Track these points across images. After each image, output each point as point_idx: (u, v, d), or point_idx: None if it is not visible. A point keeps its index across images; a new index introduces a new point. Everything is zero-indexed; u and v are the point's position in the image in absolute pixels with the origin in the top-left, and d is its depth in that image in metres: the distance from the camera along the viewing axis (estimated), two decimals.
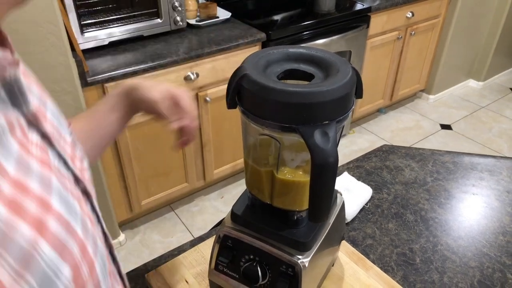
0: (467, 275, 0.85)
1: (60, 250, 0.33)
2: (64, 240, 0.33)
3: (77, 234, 0.35)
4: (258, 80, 0.52)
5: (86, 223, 0.38)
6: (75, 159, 0.44)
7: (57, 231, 0.33)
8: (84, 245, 0.36)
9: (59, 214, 0.34)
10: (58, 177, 0.37)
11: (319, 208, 0.55)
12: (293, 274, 0.64)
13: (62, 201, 0.35)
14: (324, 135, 0.50)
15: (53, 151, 0.39)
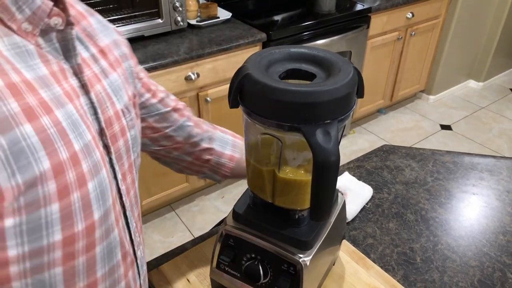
0: (467, 274, 0.85)
1: (44, 141, 0.37)
2: (52, 138, 0.38)
3: (71, 144, 0.40)
4: (260, 79, 0.52)
5: (91, 150, 0.42)
6: (113, 122, 0.49)
7: (45, 126, 0.37)
8: (77, 156, 0.40)
9: (56, 119, 0.39)
10: (77, 108, 0.42)
11: (320, 207, 0.56)
12: (294, 273, 0.64)
13: (67, 117, 0.40)
14: (326, 134, 0.50)
15: (86, 99, 0.45)
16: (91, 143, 0.43)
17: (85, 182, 0.41)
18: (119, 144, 0.51)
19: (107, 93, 0.50)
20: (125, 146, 0.52)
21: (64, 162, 0.39)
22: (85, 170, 0.41)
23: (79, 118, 0.42)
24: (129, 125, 0.53)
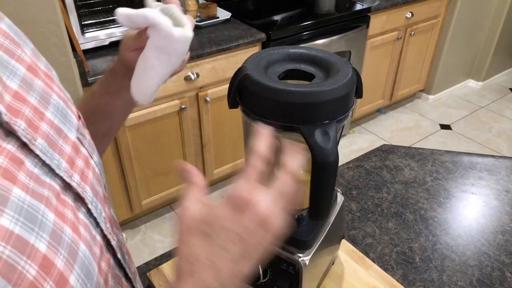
0: (466, 273, 0.85)
1: (6, 273, 0.29)
2: (12, 261, 0.30)
3: (37, 250, 0.32)
4: (259, 80, 0.53)
5: (61, 233, 0.35)
6: (75, 160, 0.42)
7: (1, 252, 0.29)
8: (48, 260, 0.33)
9: (7, 232, 0.30)
10: (27, 187, 0.34)
11: (319, 207, 0.56)
12: (294, 272, 0.64)
13: (21, 214, 0.32)
14: (324, 135, 0.50)
15: (35, 159, 0.36)
16: (57, 225, 0.35)
17: (66, 280, 0.33)
18: (90, 179, 0.43)
19: (56, 127, 0.41)
20: (95, 176, 0.45)
21: (37, 281, 0.31)
22: (61, 268, 0.33)
23: (33, 201, 0.33)
24: (89, 151, 0.46)
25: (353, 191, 1.07)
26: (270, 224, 0.37)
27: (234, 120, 2.13)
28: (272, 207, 0.37)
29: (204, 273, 0.36)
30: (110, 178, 1.89)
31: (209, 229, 0.36)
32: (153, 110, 1.83)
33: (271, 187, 0.39)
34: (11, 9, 1.27)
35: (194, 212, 0.38)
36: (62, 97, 0.45)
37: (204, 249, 0.36)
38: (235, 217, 0.36)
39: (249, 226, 0.36)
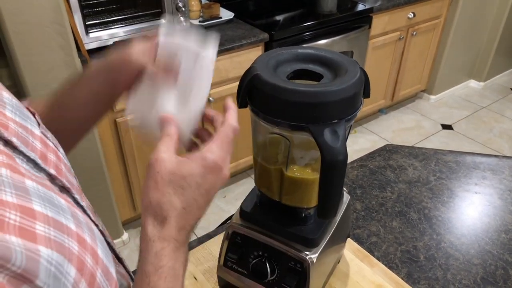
0: (470, 272, 0.86)
1: (60, 250, 0.32)
2: (60, 240, 0.33)
3: (70, 229, 0.35)
4: (269, 80, 0.53)
5: (77, 215, 0.38)
6: (47, 154, 0.43)
7: (47, 235, 0.32)
8: (81, 237, 0.36)
9: (45, 216, 0.33)
10: (33, 178, 0.36)
11: (328, 205, 0.57)
12: (301, 270, 0.65)
13: (45, 201, 0.35)
14: (333, 134, 0.51)
15: (19, 155, 0.38)
16: (70, 207, 0.38)
17: (97, 254, 0.38)
18: (64, 172, 0.45)
19: (21, 125, 0.41)
20: (66, 168, 0.46)
21: (80, 255, 0.35)
22: (91, 243, 0.37)
23: (44, 189, 0.36)
24: (55, 144, 0.47)
25: (357, 190, 1.08)
26: (227, 180, 0.47)
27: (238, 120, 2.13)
28: (229, 168, 0.47)
29: (180, 218, 0.43)
30: (113, 177, 1.90)
31: (184, 182, 0.43)
32: None
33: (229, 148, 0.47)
34: (16, 9, 1.28)
35: (167, 164, 0.43)
36: (10, 94, 0.45)
37: (179, 199, 0.43)
38: (205, 175, 0.44)
39: (214, 183, 0.45)
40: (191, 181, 0.43)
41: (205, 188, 0.44)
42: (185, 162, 0.43)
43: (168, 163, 0.43)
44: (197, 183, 0.43)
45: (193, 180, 0.43)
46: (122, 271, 0.50)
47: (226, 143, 0.46)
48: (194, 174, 0.43)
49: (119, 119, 1.76)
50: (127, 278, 0.51)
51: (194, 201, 0.44)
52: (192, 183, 0.43)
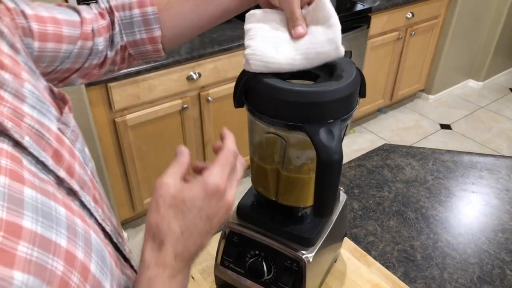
0: (467, 271, 0.86)
1: (39, 273, 0.30)
2: (42, 261, 0.31)
3: (60, 246, 0.33)
4: (265, 79, 0.54)
5: (74, 225, 0.37)
6: (62, 152, 0.41)
7: (29, 257, 0.30)
8: (71, 254, 0.34)
9: (32, 233, 0.31)
10: (35, 185, 0.35)
11: (324, 204, 0.57)
12: (297, 269, 0.65)
13: (39, 214, 0.33)
14: (329, 133, 0.51)
15: (28, 157, 0.36)
16: (69, 217, 0.36)
17: (88, 269, 0.35)
18: (77, 171, 0.43)
19: (38, 121, 0.40)
20: (80, 166, 0.44)
21: (65, 275, 0.33)
22: (82, 259, 0.35)
23: (44, 198, 0.34)
24: (72, 141, 0.45)
25: (355, 189, 1.08)
26: (231, 209, 0.46)
27: (235, 119, 2.14)
28: (234, 195, 0.46)
29: (178, 243, 0.42)
30: (112, 177, 1.90)
31: (184, 206, 0.42)
32: (155, 110, 1.84)
33: (232, 175, 0.46)
34: None
35: (170, 188, 0.43)
36: (34, 84, 0.43)
37: (178, 223, 0.42)
38: (207, 200, 0.43)
39: (216, 208, 0.44)
40: (191, 205, 0.42)
41: (206, 213, 0.43)
42: (187, 186, 0.43)
43: (171, 187, 0.43)
44: (198, 207, 0.43)
45: (194, 204, 0.42)
46: (128, 272, 0.49)
47: (227, 166, 0.45)
48: (195, 198, 0.42)
49: (118, 119, 1.76)
50: (134, 278, 0.50)
51: (194, 226, 0.43)
52: (192, 207, 0.42)
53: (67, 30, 0.56)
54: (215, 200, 0.43)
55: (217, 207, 0.44)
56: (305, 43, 0.53)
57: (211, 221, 0.44)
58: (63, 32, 0.56)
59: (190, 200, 0.42)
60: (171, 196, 0.42)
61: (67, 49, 0.57)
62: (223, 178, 0.44)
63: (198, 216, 0.43)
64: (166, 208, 0.42)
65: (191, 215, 0.42)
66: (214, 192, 0.43)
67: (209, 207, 0.43)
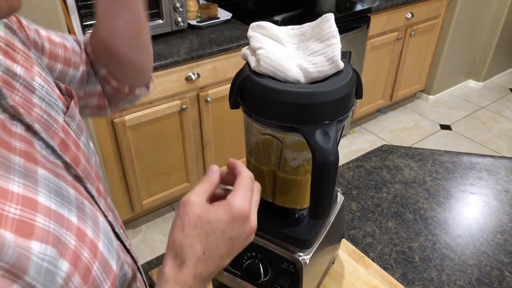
0: (465, 272, 0.86)
1: (55, 244, 0.33)
2: (58, 234, 0.34)
3: (71, 222, 0.36)
4: (260, 81, 0.53)
5: (83, 206, 0.39)
6: (68, 142, 0.44)
7: (47, 228, 0.33)
8: (82, 231, 0.36)
9: (47, 209, 0.34)
10: (46, 166, 0.37)
11: (320, 206, 0.57)
12: (294, 271, 0.65)
13: (51, 192, 0.35)
14: (325, 135, 0.51)
15: (39, 141, 0.39)
16: (78, 198, 0.39)
17: (96, 247, 0.38)
18: (82, 162, 0.45)
19: (45, 111, 0.42)
20: (84, 158, 0.47)
21: (76, 249, 0.35)
22: (91, 237, 0.38)
23: (55, 179, 0.37)
24: (77, 133, 0.48)
25: (353, 191, 1.08)
26: (253, 233, 0.47)
27: (234, 120, 2.14)
28: (256, 219, 0.47)
29: (198, 263, 0.43)
30: (111, 178, 1.90)
31: (208, 227, 0.43)
32: (154, 110, 1.83)
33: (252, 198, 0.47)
34: None
35: (196, 207, 0.44)
36: (44, 78, 0.46)
37: (201, 244, 0.43)
38: (231, 223, 0.44)
39: (240, 232, 0.45)
40: (216, 227, 0.43)
41: (230, 235, 0.44)
42: (213, 208, 0.44)
43: (198, 207, 0.44)
44: (222, 229, 0.43)
45: (218, 226, 0.43)
46: (129, 260, 0.50)
47: (248, 191, 0.46)
48: (220, 220, 0.43)
49: (116, 119, 1.76)
50: (134, 268, 0.51)
51: (216, 248, 0.44)
52: (216, 229, 0.43)
53: (73, 57, 0.60)
54: (239, 223, 0.44)
55: (240, 230, 0.45)
56: (307, 63, 0.55)
57: (233, 243, 0.45)
58: (70, 58, 0.60)
59: (215, 221, 0.43)
60: (197, 215, 0.43)
61: (72, 74, 0.60)
62: (247, 201, 0.45)
63: (221, 238, 0.44)
64: (191, 228, 0.43)
65: (214, 237, 0.43)
66: (239, 215, 0.44)
67: (232, 230, 0.44)
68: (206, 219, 0.43)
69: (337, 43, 0.55)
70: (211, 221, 0.43)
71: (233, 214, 0.44)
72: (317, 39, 0.57)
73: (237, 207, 0.44)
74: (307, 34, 0.59)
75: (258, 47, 0.55)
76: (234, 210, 0.44)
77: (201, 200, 0.44)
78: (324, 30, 0.56)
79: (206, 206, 0.44)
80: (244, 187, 0.46)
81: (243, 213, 0.44)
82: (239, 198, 0.45)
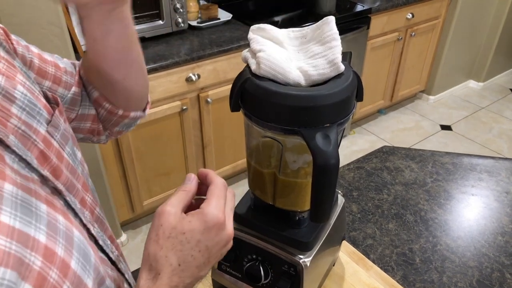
0: (466, 274, 0.86)
1: (16, 267, 0.31)
2: (20, 255, 0.32)
3: (38, 241, 0.34)
4: (261, 83, 0.53)
5: (55, 222, 0.37)
6: (48, 154, 0.42)
7: (7, 249, 0.31)
8: (50, 250, 0.34)
9: (10, 228, 0.32)
10: (16, 182, 0.35)
11: (320, 209, 0.57)
12: (295, 274, 0.65)
13: (17, 209, 0.34)
14: (325, 138, 0.51)
15: (11, 154, 0.37)
16: (50, 214, 0.37)
17: (68, 266, 0.36)
18: (64, 173, 0.43)
19: (25, 122, 0.41)
20: (69, 169, 0.45)
21: (42, 270, 0.33)
22: (62, 255, 0.35)
23: (25, 194, 0.35)
24: (61, 143, 0.45)
25: (353, 192, 1.08)
26: (230, 240, 0.46)
27: (235, 121, 2.14)
28: (232, 226, 0.46)
29: (173, 275, 0.42)
30: (111, 179, 1.90)
31: (183, 238, 0.43)
32: (154, 111, 1.83)
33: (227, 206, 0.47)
34: (12, 10, 1.28)
35: (171, 217, 0.43)
36: (28, 87, 0.44)
37: (176, 255, 0.43)
38: (206, 232, 0.43)
39: (216, 240, 0.44)
40: (191, 237, 0.43)
41: (206, 245, 0.44)
42: (187, 218, 0.43)
43: (172, 217, 0.43)
44: (197, 239, 0.43)
45: (193, 236, 0.43)
46: (113, 274, 0.49)
47: (222, 198, 0.46)
48: (194, 230, 0.43)
49: None
50: (120, 281, 0.50)
51: (192, 259, 0.43)
52: (191, 239, 0.43)
53: (65, 77, 0.58)
54: (215, 231, 0.44)
55: (216, 239, 0.44)
56: (307, 66, 0.55)
57: (210, 253, 0.44)
58: (62, 77, 0.57)
59: (189, 231, 0.43)
60: (171, 226, 0.43)
61: (62, 93, 0.57)
62: (221, 209, 0.45)
63: (197, 248, 0.43)
64: (165, 239, 0.42)
65: (189, 247, 0.43)
66: (214, 223, 0.44)
67: (208, 239, 0.43)
68: (181, 230, 0.43)
69: (338, 45, 0.55)
70: (186, 231, 0.43)
71: (207, 223, 0.43)
72: (317, 42, 0.57)
73: (211, 215, 0.44)
74: (307, 37, 0.59)
75: (259, 49, 0.55)
76: (208, 218, 0.43)
77: (176, 210, 0.44)
78: (325, 32, 0.56)
79: (181, 216, 0.44)
80: (218, 195, 0.46)
81: (217, 221, 0.44)
82: (213, 206, 0.44)
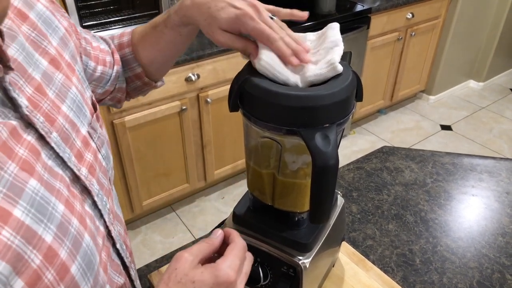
0: (466, 275, 0.85)
1: (13, 261, 0.31)
2: (21, 250, 0.32)
3: (43, 240, 0.34)
4: (260, 83, 0.53)
5: (68, 225, 0.37)
6: (84, 153, 0.44)
7: (10, 242, 0.31)
8: (53, 251, 0.35)
9: (19, 222, 0.33)
10: (42, 178, 0.36)
11: (320, 210, 0.56)
12: (294, 275, 0.64)
13: (33, 206, 0.34)
14: (325, 138, 0.51)
15: (49, 151, 0.39)
16: (66, 216, 0.37)
17: (67, 270, 0.36)
18: (97, 173, 0.46)
19: (71, 121, 0.44)
20: (101, 170, 0.48)
21: (39, 269, 0.33)
22: (64, 259, 0.36)
23: (46, 192, 0.36)
24: (98, 145, 0.49)
25: (353, 193, 1.08)
26: None
27: (234, 121, 2.13)
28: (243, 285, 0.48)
29: None
30: None
31: (191, 286, 0.44)
32: (153, 111, 1.83)
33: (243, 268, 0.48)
34: None
35: (186, 264, 0.45)
36: (80, 89, 0.48)
37: None
38: (214, 286, 0.44)
39: None
40: (199, 287, 0.44)
41: None
42: (201, 268, 0.45)
43: (188, 265, 0.44)
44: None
45: (201, 287, 0.44)
46: (121, 281, 0.49)
47: (238, 259, 0.47)
48: (204, 281, 0.44)
49: (116, 120, 1.75)
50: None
51: None
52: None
53: (108, 58, 0.66)
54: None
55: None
56: (305, 66, 0.55)
57: None
58: (106, 59, 0.66)
59: (199, 282, 0.44)
60: (183, 272, 0.44)
61: (107, 72, 0.66)
62: (235, 269, 0.45)
63: None
64: (175, 283, 0.43)
65: None
66: (224, 280, 0.44)
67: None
68: (192, 278, 0.44)
69: (340, 49, 0.55)
70: (196, 280, 0.44)
71: (218, 278, 0.44)
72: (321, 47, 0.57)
73: (223, 272, 0.44)
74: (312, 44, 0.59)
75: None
76: (220, 274, 0.44)
77: (194, 259, 0.45)
78: (328, 38, 0.56)
79: (196, 266, 0.45)
80: (235, 254, 0.47)
81: (228, 279, 0.44)
82: (227, 264, 0.45)
